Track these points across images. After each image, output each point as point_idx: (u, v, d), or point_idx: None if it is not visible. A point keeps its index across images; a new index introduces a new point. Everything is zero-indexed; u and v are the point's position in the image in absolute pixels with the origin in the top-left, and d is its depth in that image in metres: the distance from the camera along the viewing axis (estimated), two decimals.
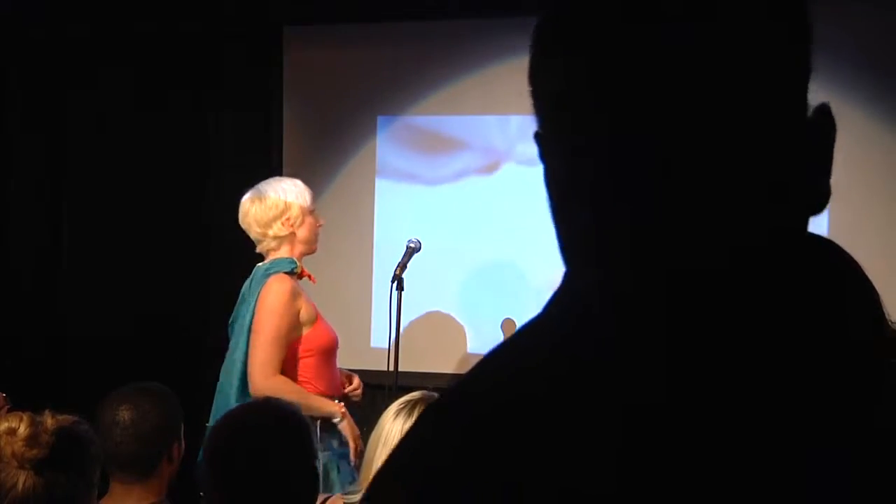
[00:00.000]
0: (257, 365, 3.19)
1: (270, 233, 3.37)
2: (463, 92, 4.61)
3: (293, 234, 3.37)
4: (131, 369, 4.27)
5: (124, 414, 2.34)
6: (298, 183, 3.46)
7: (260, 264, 3.41)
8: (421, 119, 4.69)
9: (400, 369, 3.72)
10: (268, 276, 3.30)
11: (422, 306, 4.52)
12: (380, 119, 4.75)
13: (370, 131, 4.75)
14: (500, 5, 4.56)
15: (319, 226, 3.45)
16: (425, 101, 4.68)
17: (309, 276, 3.45)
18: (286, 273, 3.32)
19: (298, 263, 3.38)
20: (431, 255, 4.06)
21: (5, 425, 1.91)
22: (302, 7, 4.78)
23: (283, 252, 3.37)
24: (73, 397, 2.55)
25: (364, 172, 4.75)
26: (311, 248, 3.44)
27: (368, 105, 4.75)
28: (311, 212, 3.42)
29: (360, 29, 4.78)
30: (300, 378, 3.28)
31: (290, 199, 3.38)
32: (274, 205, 3.37)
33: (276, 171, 4.63)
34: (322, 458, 3.15)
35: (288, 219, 3.36)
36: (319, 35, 4.86)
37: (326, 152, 4.81)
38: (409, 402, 2.40)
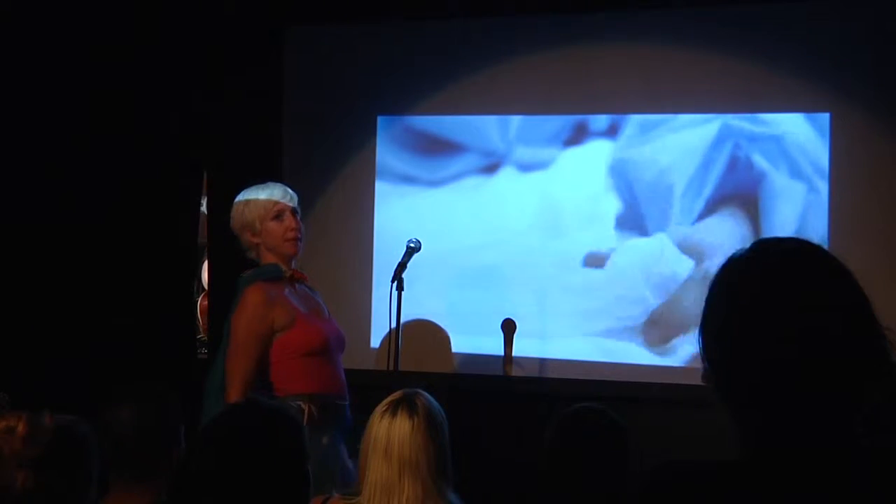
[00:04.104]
0: (227, 374, 3.23)
1: (244, 243, 3.41)
2: (463, 92, 4.60)
3: (259, 242, 3.37)
4: (131, 370, 4.28)
5: (124, 414, 2.34)
6: (266, 188, 3.43)
7: (243, 273, 3.40)
8: (421, 119, 4.69)
9: (400, 369, 3.71)
10: (245, 284, 3.31)
11: (422, 306, 4.52)
12: (380, 119, 4.74)
13: (370, 131, 4.75)
14: (500, 5, 4.57)
15: (293, 229, 3.38)
16: (425, 101, 4.67)
17: (301, 277, 3.43)
18: (266, 281, 3.30)
19: (284, 268, 3.36)
20: (431, 256, 4.06)
21: (4, 424, 1.91)
22: (302, 7, 4.78)
23: (268, 259, 3.37)
24: (73, 397, 2.55)
25: (364, 173, 4.75)
26: (282, 252, 3.38)
27: (368, 105, 4.75)
28: (276, 216, 3.37)
29: (360, 29, 4.78)
30: (285, 379, 3.26)
31: (247, 209, 3.38)
32: (236, 215, 3.41)
33: (276, 171, 4.63)
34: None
35: (250, 229, 3.37)
36: (319, 35, 4.86)
37: (326, 152, 4.80)
38: (392, 402, 2.41)
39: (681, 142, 4.34)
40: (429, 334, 4.58)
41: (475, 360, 4.53)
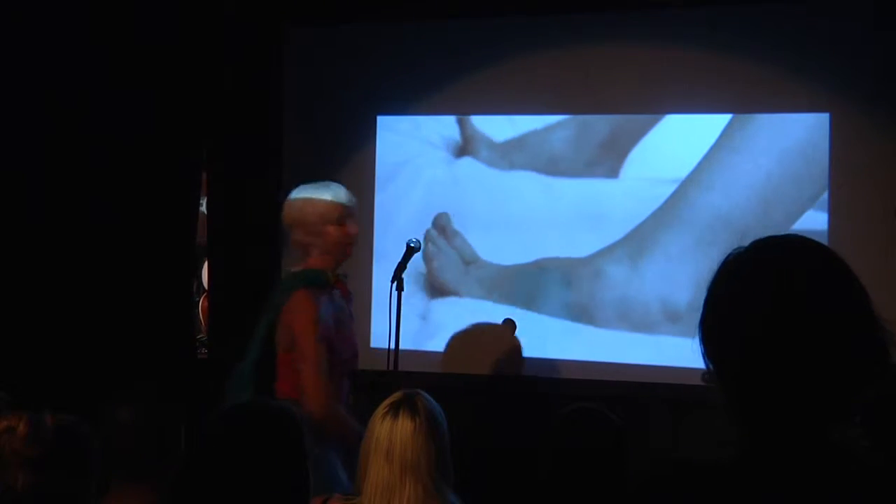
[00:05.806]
0: (312, 394, 3.13)
1: (292, 241, 3.32)
2: (463, 92, 4.60)
3: (312, 243, 3.29)
4: (131, 370, 4.28)
5: (124, 414, 2.34)
6: (329, 189, 3.35)
7: (289, 270, 3.31)
8: (421, 119, 4.69)
9: (400, 369, 3.71)
10: (292, 289, 3.22)
11: (422, 306, 4.51)
12: (380, 119, 4.75)
13: (370, 131, 4.75)
14: (501, 5, 4.57)
15: (354, 235, 3.32)
16: (425, 101, 4.68)
17: (341, 287, 3.34)
18: (311, 287, 3.21)
19: (329, 275, 3.28)
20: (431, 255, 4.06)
21: (5, 424, 1.91)
22: (302, 7, 4.78)
23: (313, 261, 3.28)
24: (73, 397, 2.55)
25: (364, 172, 4.75)
26: (337, 256, 3.30)
27: (368, 105, 4.75)
28: (338, 220, 3.30)
29: (360, 29, 4.78)
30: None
31: (307, 206, 3.29)
32: (293, 212, 3.31)
33: (276, 171, 4.63)
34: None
35: (306, 228, 3.29)
36: (319, 35, 4.86)
37: (326, 152, 4.80)
38: (392, 403, 2.42)
39: (682, 141, 4.34)
40: (429, 334, 4.58)
41: (474, 360, 4.53)
